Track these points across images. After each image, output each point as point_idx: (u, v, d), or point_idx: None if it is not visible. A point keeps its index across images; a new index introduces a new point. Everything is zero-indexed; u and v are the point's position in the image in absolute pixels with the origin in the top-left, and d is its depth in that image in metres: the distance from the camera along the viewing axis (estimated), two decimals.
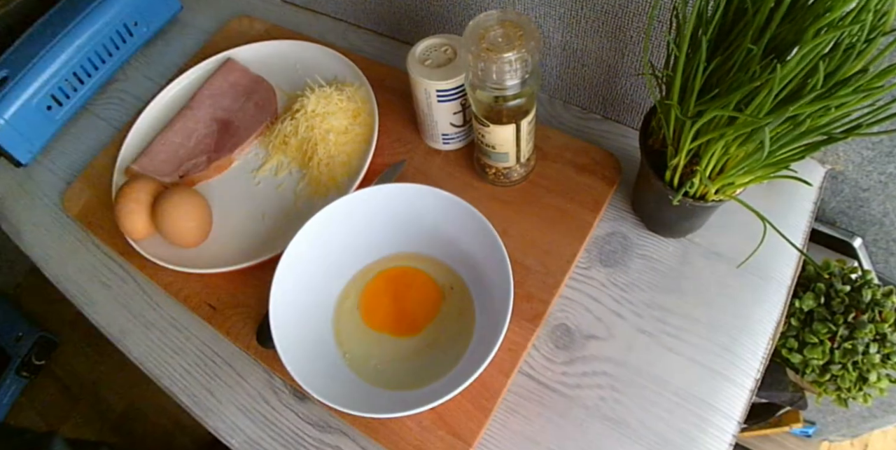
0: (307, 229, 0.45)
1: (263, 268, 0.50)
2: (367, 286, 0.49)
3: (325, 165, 0.56)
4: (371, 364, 0.46)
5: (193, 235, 0.53)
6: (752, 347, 0.47)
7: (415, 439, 0.44)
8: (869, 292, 0.54)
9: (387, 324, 0.48)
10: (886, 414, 0.78)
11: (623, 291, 0.50)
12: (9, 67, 0.62)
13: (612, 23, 0.49)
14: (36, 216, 0.64)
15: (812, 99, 0.31)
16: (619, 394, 0.46)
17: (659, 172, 0.43)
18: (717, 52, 0.35)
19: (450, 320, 0.47)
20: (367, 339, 0.47)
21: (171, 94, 0.66)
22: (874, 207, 0.57)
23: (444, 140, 0.56)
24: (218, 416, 0.49)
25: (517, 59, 0.40)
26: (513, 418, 0.46)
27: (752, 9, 0.32)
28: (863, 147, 0.51)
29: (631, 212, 0.54)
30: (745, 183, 0.41)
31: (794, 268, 0.50)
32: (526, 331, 0.47)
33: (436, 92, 0.49)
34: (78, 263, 0.60)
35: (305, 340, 0.44)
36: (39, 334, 1.41)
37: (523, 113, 0.46)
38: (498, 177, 0.54)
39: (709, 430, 0.44)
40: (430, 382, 0.43)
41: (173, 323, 0.55)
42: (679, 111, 0.37)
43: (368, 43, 0.70)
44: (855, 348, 0.53)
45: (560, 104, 0.61)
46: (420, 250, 0.50)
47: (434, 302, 0.48)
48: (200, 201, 0.55)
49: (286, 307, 0.44)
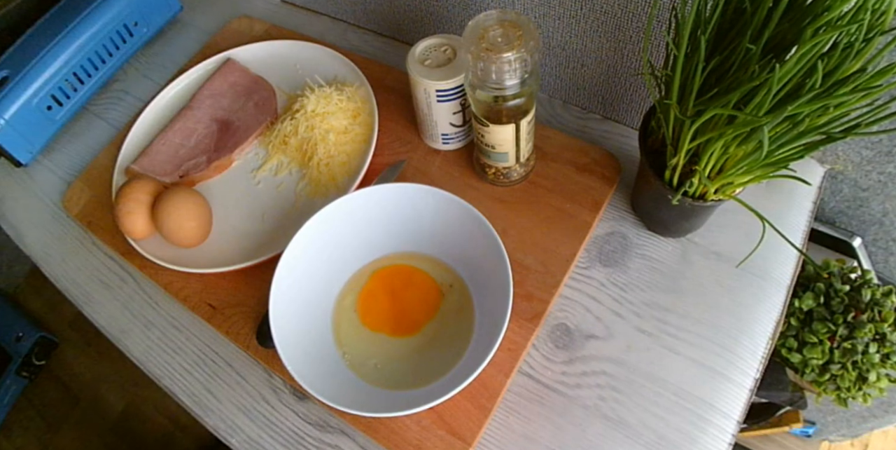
0: (307, 229, 0.45)
1: (263, 268, 0.50)
2: (364, 286, 0.50)
3: (324, 164, 0.56)
4: (370, 364, 0.46)
5: (194, 235, 0.53)
6: (751, 346, 0.47)
7: (414, 439, 0.44)
8: (868, 292, 0.54)
9: (384, 324, 0.48)
10: (886, 414, 0.78)
11: (623, 291, 0.50)
12: (9, 67, 0.62)
13: (611, 23, 0.50)
14: (36, 216, 0.64)
15: (811, 98, 0.31)
16: (619, 394, 0.46)
17: (658, 172, 0.43)
18: (716, 52, 0.35)
19: (449, 320, 0.48)
20: (366, 338, 0.47)
21: (171, 94, 0.66)
22: (873, 207, 0.57)
23: (444, 140, 0.56)
24: (218, 415, 0.49)
25: (516, 58, 0.40)
26: (512, 417, 0.46)
27: (750, 8, 0.32)
28: (862, 147, 0.51)
29: (630, 211, 0.54)
30: (744, 182, 0.41)
31: (794, 268, 0.50)
32: (525, 330, 0.48)
33: (435, 92, 0.49)
34: (78, 263, 0.60)
35: (305, 339, 0.44)
36: (39, 334, 1.41)
37: (523, 113, 0.46)
38: (497, 177, 0.54)
39: (708, 429, 0.44)
40: (430, 381, 0.43)
41: (173, 323, 0.55)
42: (678, 111, 0.37)
43: (368, 43, 0.70)
44: (854, 347, 0.53)
45: (559, 104, 0.62)
46: (420, 250, 0.50)
47: (433, 301, 0.48)
48: (200, 201, 0.55)
49: (286, 307, 0.44)
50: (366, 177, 0.55)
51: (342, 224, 0.47)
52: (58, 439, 1.34)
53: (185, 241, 0.53)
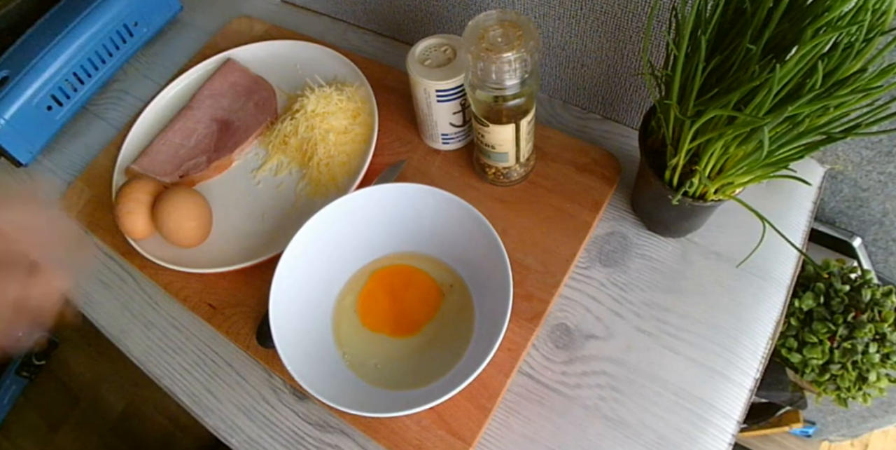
0: (307, 229, 0.45)
1: (263, 268, 0.50)
2: (364, 286, 0.50)
3: (324, 164, 0.56)
4: (370, 364, 0.46)
5: (193, 235, 0.53)
6: (751, 346, 0.47)
7: (414, 439, 0.44)
8: (868, 292, 0.54)
9: (384, 324, 0.48)
10: (886, 414, 0.78)
11: (622, 291, 0.50)
12: (9, 67, 0.62)
13: (611, 23, 0.50)
14: None
15: (811, 99, 0.31)
16: (619, 394, 0.46)
17: (658, 172, 0.43)
18: (717, 52, 0.35)
19: (449, 320, 0.48)
20: (366, 338, 0.47)
21: (171, 94, 0.66)
22: (873, 207, 0.57)
23: (444, 140, 0.56)
24: (218, 415, 0.49)
25: (516, 58, 0.40)
26: (512, 417, 0.46)
27: (750, 8, 0.32)
28: (862, 147, 0.51)
29: (630, 212, 0.54)
30: (744, 183, 0.41)
31: (794, 267, 0.50)
32: (525, 330, 0.48)
33: (435, 92, 0.49)
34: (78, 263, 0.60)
35: (305, 339, 0.44)
36: (39, 334, 1.41)
37: (523, 113, 0.46)
38: (497, 177, 0.54)
39: (708, 429, 0.44)
40: (430, 381, 0.43)
41: (173, 323, 0.55)
42: (678, 111, 0.37)
43: (368, 43, 0.70)
44: (854, 347, 0.53)
45: (559, 104, 0.62)
46: (420, 250, 0.50)
47: (433, 301, 0.48)
48: (200, 201, 0.55)
49: (286, 307, 0.44)
50: (366, 177, 0.55)
51: (342, 224, 0.47)
52: (58, 439, 1.34)
53: (185, 241, 0.53)
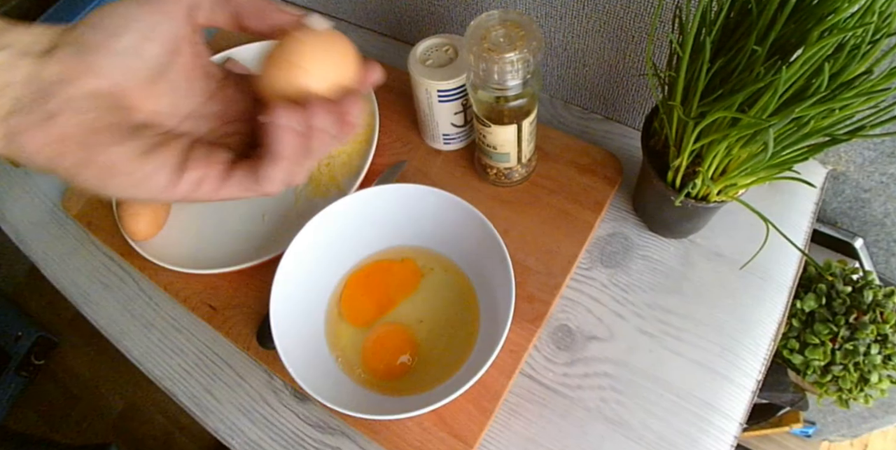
0: (308, 230, 0.45)
1: (264, 268, 0.50)
2: (344, 289, 0.49)
3: (325, 165, 0.56)
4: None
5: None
6: (753, 347, 0.46)
7: (416, 441, 0.44)
8: (870, 293, 0.54)
9: (372, 318, 0.48)
10: (886, 414, 0.78)
11: (624, 292, 0.50)
12: None
13: (613, 23, 0.49)
14: (36, 216, 0.64)
15: (816, 101, 0.31)
16: (621, 395, 0.45)
17: (661, 173, 0.43)
18: (721, 53, 0.35)
19: (452, 321, 0.47)
20: (359, 340, 0.47)
21: None
22: (875, 208, 0.57)
23: (445, 140, 0.56)
24: (218, 416, 0.49)
25: (519, 59, 0.40)
26: (514, 419, 0.46)
27: (756, 9, 0.32)
28: (864, 148, 0.51)
29: (632, 212, 0.54)
30: (747, 184, 0.41)
31: (796, 269, 0.50)
32: (527, 332, 0.47)
33: (437, 92, 0.49)
34: (78, 263, 0.60)
35: (306, 340, 0.44)
36: (39, 334, 1.41)
37: (525, 113, 0.46)
38: (499, 177, 0.54)
39: (710, 431, 0.44)
40: (433, 384, 0.43)
41: (173, 324, 0.54)
42: (682, 112, 0.37)
43: (369, 43, 0.70)
44: (856, 348, 0.53)
45: (561, 104, 0.61)
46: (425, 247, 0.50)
47: (412, 280, 0.48)
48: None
49: (287, 308, 0.43)
50: (367, 177, 0.55)
51: (343, 225, 0.47)
52: (58, 439, 1.34)
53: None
